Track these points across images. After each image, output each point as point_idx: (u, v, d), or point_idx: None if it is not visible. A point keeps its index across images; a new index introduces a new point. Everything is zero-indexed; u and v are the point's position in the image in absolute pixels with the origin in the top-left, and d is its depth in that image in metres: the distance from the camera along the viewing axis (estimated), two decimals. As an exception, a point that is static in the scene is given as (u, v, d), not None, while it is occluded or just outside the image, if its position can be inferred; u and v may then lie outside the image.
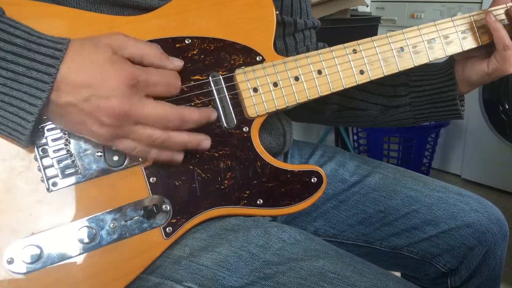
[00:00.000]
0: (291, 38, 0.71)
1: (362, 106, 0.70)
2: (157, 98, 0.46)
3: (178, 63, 0.48)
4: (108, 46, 0.44)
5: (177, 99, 0.51)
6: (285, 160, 0.73)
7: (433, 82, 0.64)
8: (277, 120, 0.65)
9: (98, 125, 0.43)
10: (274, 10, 0.55)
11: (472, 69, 0.61)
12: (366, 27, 1.71)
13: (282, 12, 0.69)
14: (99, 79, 0.42)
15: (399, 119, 0.68)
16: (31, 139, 0.44)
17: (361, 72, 0.57)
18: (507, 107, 1.79)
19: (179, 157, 0.48)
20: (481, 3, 1.78)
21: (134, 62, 0.45)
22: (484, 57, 0.61)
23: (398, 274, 0.84)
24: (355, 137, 2.12)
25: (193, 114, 0.47)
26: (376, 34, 0.58)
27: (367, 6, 1.99)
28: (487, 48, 0.62)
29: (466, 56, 0.63)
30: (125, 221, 0.48)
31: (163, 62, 0.47)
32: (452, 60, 0.64)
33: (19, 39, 0.41)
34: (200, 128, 0.51)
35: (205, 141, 0.49)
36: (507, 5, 0.61)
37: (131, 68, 0.43)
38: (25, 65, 0.41)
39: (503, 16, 0.61)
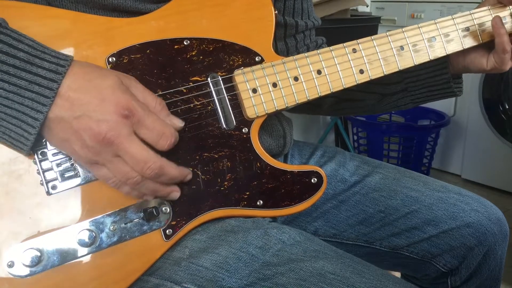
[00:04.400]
0: (292, 39, 0.71)
1: (359, 96, 0.71)
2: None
3: (177, 122, 0.47)
4: (118, 79, 0.44)
5: (176, 100, 0.51)
6: (285, 161, 0.73)
7: (426, 65, 0.65)
8: (277, 121, 0.64)
9: (80, 145, 0.42)
10: (273, 10, 0.55)
11: (472, 63, 0.64)
12: (366, 27, 1.71)
13: (284, 13, 0.69)
14: (96, 102, 0.42)
15: (398, 105, 0.71)
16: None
17: (361, 71, 0.57)
18: (507, 107, 1.79)
19: (150, 198, 0.48)
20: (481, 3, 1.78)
21: None
22: (484, 52, 0.63)
23: (398, 274, 0.84)
24: (355, 137, 2.12)
25: (173, 170, 0.46)
26: (376, 34, 0.58)
27: (367, 6, 1.99)
28: (488, 43, 0.62)
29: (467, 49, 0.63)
30: (125, 224, 0.48)
31: (162, 115, 0.46)
32: None
33: (22, 52, 0.41)
34: (200, 129, 0.51)
35: (175, 193, 0.48)
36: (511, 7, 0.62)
37: (131, 101, 0.43)
38: (28, 79, 0.41)
39: (508, 18, 0.62)
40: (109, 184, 0.45)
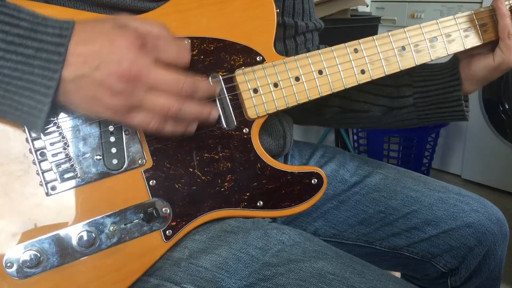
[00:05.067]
0: (292, 41, 0.70)
1: (365, 107, 0.69)
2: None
3: (184, 42, 0.47)
4: (114, 21, 0.44)
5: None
6: (285, 161, 0.73)
7: (437, 82, 0.63)
8: (278, 122, 0.64)
9: (110, 95, 0.41)
10: (274, 8, 0.55)
11: (478, 65, 0.61)
12: (366, 27, 1.71)
13: (284, 13, 0.68)
14: (107, 45, 0.41)
15: (403, 119, 0.67)
16: (29, 142, 0.44)
17: (362, 71, 0.57)
18: (507, 107, 1.79)
19: (193, 128, 0.47)
20: (481, 3, 1.78)
21: None
22: (488, 52, 0.61)
23: (398, 274, 0.84)
24: (355, 137, 2.12)
25: (203, 83, 0.46)
26: (376, 34, 0.58)
27: (367, 6, 1.99)
28: (491, 45, 0.61)
29: (470, 53, 0.62)
30: (124, 225, 0.48)
31: (157, 27, 0.45)
32: (456, 59, 0.63)
33: (24, 21, 0.41)
34: (200, 130, 0.51)
35: (215, 111, 0.48)
36: None
37: (139, 31, 0.43)
38: (34, 47, 0.40)
39: None
40: (150, 129, 0.44)
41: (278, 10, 0.55)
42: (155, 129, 0.44)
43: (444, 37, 0.59)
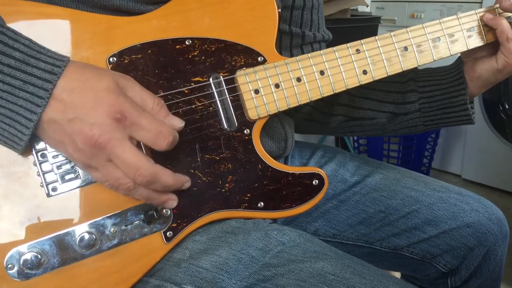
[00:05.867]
0: (299, 50, 0.69)
1: (370, 115, 0.68)
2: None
3: (176, 122, 0.46)
4: (114, 80, 0.43)
5: (177, 102, 0.50)
6: (285, 162, 0.73)
7: (443, 87, 0.63)
8: (279, 125, 0.64)
9: (73, 148, 0.42)
10: (276, 8, 0.54)
11: (483, 67, 0.60)
12: (366, 27, 1.71)
13: (291, 23, 0.67)
14: (89, 104, 0.41)
15: (408, 126, 0.67)
16: (30, 143, 0.44)
17: (364, 72, 0.56)
18: (507, 107, 1.78)
19: (147, 202, 0.47)
20: (481, 3, 1.78)
21: None
22: (492, 55, 0.60)
23: (398, 274, 0.84)
24: (355, 137, 2.12)
25: (167, 178, 0.45)
26: (376, 34, 0.57)
27: (367, 6, 1.99)
28: (495, 46, 0.61)
29: (474, 56, 0.62)
30: (125, 226, 0.48)
31: (160, 115, 0.45)
32: (460, 62, 0.63)
33: (18, 52, 0.41)
34: (201, 131, 0.51)
35: (171, 202, 0.48)
36: None
37: (124, 104, 0.42)
38: (22, 79, 0.40)
39: None
40: (105, 186, 0.45)
41: (279, 10, 0.55)
42: (109, 188, 0.44)
43: (447, 37, 0.59)
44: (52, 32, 0.47)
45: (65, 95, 0.41)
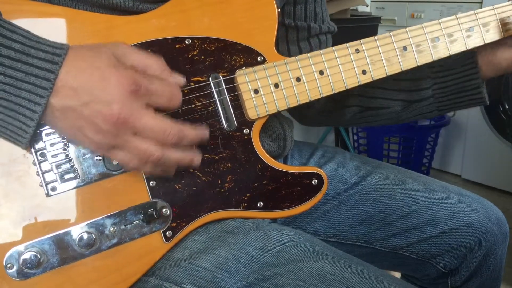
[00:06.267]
0: (306, 44, 0.69)
1: (384, 104, 0.69)
2: (157, 110, 0.44)
3: (180, 78, 0.47)
4: (111, 53, 0.43)
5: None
6: (285, 162, 0.73)
7: (455, 71, 0.63)
8: (278, 124, 0.64)
9: (94, 131, 0.41)
10: (276, 8, 0.55)
11: (502, 55, 0.61)
12: (366, 27, 1.71)
13: (295, 17, 0.68)
14: (100, 83, 0.41)
15: (423, 112, 0.67)
16: (31, 141, 0.44)
17: (364, 72, 0.56)
18: (507, 107, 1.78)
19: (171, 173, 0.47)
20: (481, 3, 1.78)
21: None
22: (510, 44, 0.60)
23: (398, 274, 0.84)
24: (355, 137, 2.12)
25: (191, 132, 0.46)
26: (376, 34, 0.57)
27: (367, 6, 1.99)
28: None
29: (496, 41, 0.61)
30: (125, 226, 0.48)
31: (165, 75, 0.46)
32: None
33: (17, 43, 0.40)
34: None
35: (196, 158, 0.48)
36: None
37: (133, 74, 0.42)
38: (24, 71, 0.40)
39: None
40: (129, 168, 0.45)
41: (279, 10, 0.55)
42: (133, 168, 0.45)
43: (446, 37, 0.59)
44: (51, 32, 0.47)
45: (72, 80, 0.41)
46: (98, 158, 0.48)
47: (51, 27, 0.47)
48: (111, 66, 0.42)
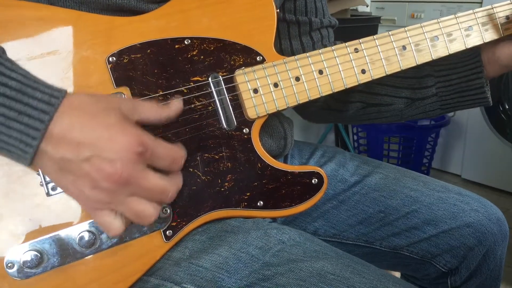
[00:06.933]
0: (308, 38, 0.70)
1: (387, 101, 0.69)
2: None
3: (177, 104, 0.48)
4: (119, 108, 0.42)
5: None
6: (285, 161, 0.73)
7: (459, 70, 0.63)
8: (278, 123, 0.64)
9: (91, 186, 0.39)
10: (274, 9, 0.55)
11: (503, 52, 0.60)
12: (366, 27, 1.71)
13: (296, 12, 0.68)
14: (105, 140, 0.39)
15: (426, 110, 0.67)
16: None
17: (363, 71, 0.56)
18: (507, 107, 1.78)
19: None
20: (481, 3, 1.78)
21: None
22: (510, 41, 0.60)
23: (398, 274, 0.84)
24: (355, 137, 2.12)
25: (180, 181, 0.46)
26: (376, 34, 0.58)
27: (367, 6, 1.99)
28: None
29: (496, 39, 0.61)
30: (125, 225, 0.48)
31: (166, 114, 0.46)
32: (478, 46, 0.63)
33: (14, 81, 0.38)
34: (201, 130, 0.51)
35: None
36: None
37: (141, 135, 0.41)
38: (18, 110, 0.38)
39: None
40: (105, 228, 0.42)
41: (278, 11, 0.55)
42: (109, 231, 0.42)
43: (445, 36, 0.59)
44: (53, 32, 0.47)
45: (75, 132, 0.39)
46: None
47: (52, 28, 0.47)
48: (119, 123, 0.40)
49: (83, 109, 0.40)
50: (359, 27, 1.69)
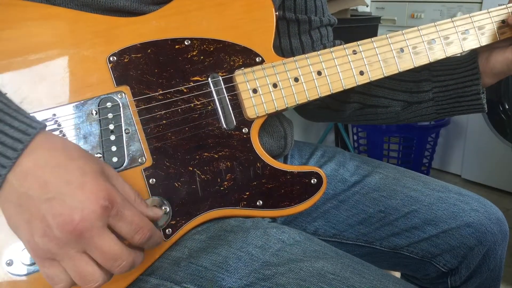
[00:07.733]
0: (307, 37, 0.70)
1: (384, 103, 0.69)
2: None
3: (158, 212, 0.44)
4: (100, 165, 0.40)
5: (176, 100, 0.51)
6: (285, 161, 0.73)
7: (456, 76, 0.63)
8: (278, 122, 0.64)
9: (42, 232, 0.36)
10: (274, 11, 0.55)
11: (497, 59, 0.61)
12: (366, 27, 1.71)
13: (296, 11, 0.69)
14: (74, 186, 0.36)
15: (422, 114, 0.68)
16: None
17: (361, 73, 0.57)
18: (507, 107, 1.78)
19: None
20: (481, 3, 1.78)
21: None
22: (507, 47, 0.61)
23: (398, 274, 0.84)
24: (355, 137, 2.12)
25: (139, 260, 0.41)
26: (376, 34, 0.58)
27: (367, 6, 1.99)
28: (510, 38, 0.61)
29: (490, 46, 0.62)
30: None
31: (141, 208, 0.42)
32: (475, 52, 0.63)
33: None
34: (200, 129, 0.51)
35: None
36: None
37: (112, 191, 0.38)
38: None
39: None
40: (53, 284, 0.38)
41: (277, 13, 0.56)
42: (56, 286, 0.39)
43: (442, 39, 0.60)
44: (53, 32, 0.48)
45: (48, 170, 0.36)
46: (98, 155, 0.48)
47: (53, 28, 0.48)
48: (95, 173, 0.38)
49: (62, 149, 0.38)
50: (359, 27, 1.69)
